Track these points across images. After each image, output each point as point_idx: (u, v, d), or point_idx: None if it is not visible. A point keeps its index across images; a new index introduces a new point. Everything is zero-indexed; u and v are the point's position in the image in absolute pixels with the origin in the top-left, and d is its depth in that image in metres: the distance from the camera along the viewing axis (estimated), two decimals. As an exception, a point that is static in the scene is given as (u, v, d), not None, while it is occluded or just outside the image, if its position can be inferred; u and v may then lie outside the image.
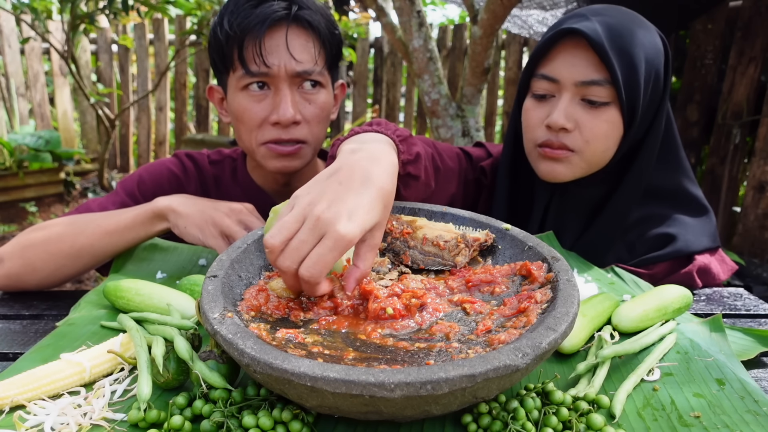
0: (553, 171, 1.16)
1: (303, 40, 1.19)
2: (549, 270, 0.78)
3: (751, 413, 0.69)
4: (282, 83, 1.18)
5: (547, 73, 1.13)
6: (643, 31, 1.12)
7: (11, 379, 0.70)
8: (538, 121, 1.16)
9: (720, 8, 3.12)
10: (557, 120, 1.10)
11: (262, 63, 1.16)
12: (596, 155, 1.14)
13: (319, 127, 1.26)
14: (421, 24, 2.64)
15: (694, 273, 1.18)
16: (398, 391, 0.54)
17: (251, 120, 1.21)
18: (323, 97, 1.24)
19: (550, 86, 1.13)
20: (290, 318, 0.75)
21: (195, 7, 4.08)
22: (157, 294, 0.91)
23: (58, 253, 1.11)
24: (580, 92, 1.11)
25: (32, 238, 1.13)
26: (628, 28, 1.10)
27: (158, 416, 0.65)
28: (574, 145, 1.12)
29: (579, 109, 1.11)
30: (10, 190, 4.67)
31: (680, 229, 1.21)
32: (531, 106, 1.18)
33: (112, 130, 4.69)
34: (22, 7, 4.35)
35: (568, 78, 1.10)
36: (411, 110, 5.31)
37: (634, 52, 1.09)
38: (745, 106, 3.06)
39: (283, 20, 1.16)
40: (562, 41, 1.12)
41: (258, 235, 0.86)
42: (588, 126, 1.11)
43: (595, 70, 1.09)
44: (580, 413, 0.66)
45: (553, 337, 0.61)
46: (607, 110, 1.10)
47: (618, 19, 1.11)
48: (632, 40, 1.09)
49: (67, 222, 1.14)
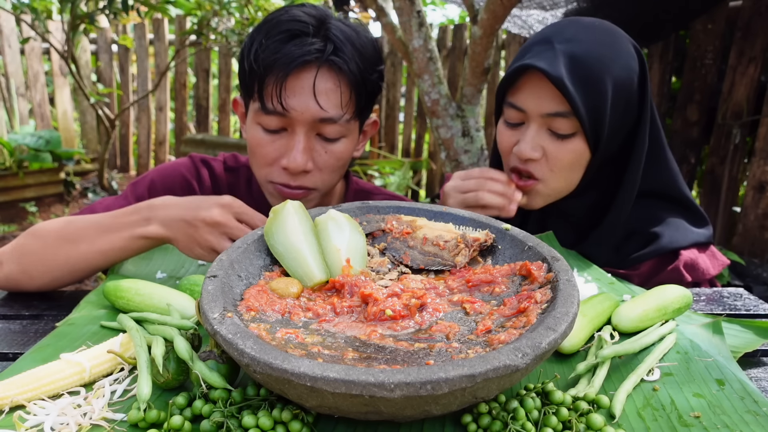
0: (527, 201, 1.20)
1: (332, 84, 1.09)
2: (549, 270, 0.78)
3: (751, 413, 0.69)
4: (300, 127, 1.10)
5: (515, 102, 1.16)
6: (612, 54, 1.11)
7: (11, 379, 0.70)
8: (509, 146, 1.19)
9: (720, 8, 3.12)
10: (524, 151, 1.14)
11: (279, 104, 1.08)
12: (560, 183, 1.18)
13: (332, 175, 1.19)
14: (421, 24, 2.64)
15: (680, 268, 1.20)
16: (398, 391, 0.54)
17: (263, 157, 1.15)
18: (342, 147, 1.16)
19: (518, 115, 1.17)
20: (290, 318, 0.75)
21: (195, 7, 4.08)
22: (157, 294, 0.91)
23: (55, 266, 1.07)
24: (546, 123, 1.13)
25: (29, 246, 1.08)
26: (594, 55, 1.10)
27: (158, 416, 0.65)
28: (541, 174, 1.16)
29: (546, 139, 1.14)
30: (10, 190, 4.67)
31: (664, 228, 1.23)
32: (503, 130, 1.22)
33: (112, 130, 4.69)
34: (22, 7, 4.35)
35: (534, 109, 1.13)
36: (411, 110, 5.31)
37: (599, 79, 1.09)
38: (745, 106, 3.05)
39: (313, 62, 1.07)
40: (526, 72, 1.13)
41: (258, 235, 0.86)
42: (553, 156, 1.14)
43: (559, 102, 1.10)
44: (580, 413, 0.66)
45: (553, 337, 0.61)
46: (572, 141, 1.13)
47: (585, 47, 1.10)
48: (598, 68, 1.09)
49: (63, 231, 1.08)
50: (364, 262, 0.88)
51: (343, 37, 1.10)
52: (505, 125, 1.21)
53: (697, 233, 1.24)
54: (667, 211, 1.25)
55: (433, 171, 4.99)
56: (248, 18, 4.24)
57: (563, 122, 1.11)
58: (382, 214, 0.97)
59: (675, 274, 1.20)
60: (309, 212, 0.91)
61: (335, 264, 0.85)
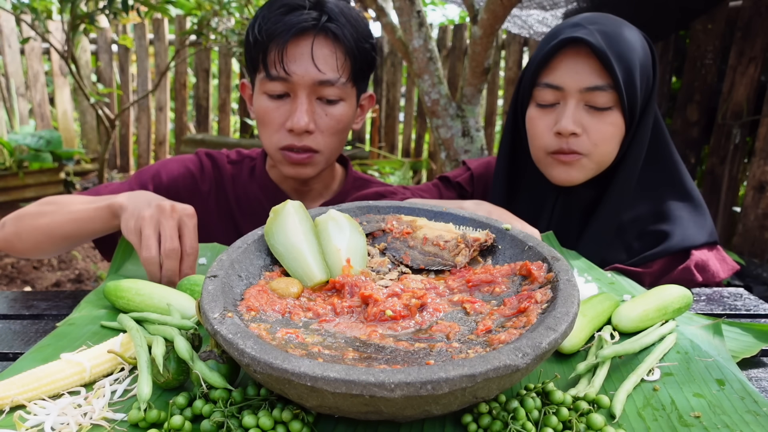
0: (568, 176, 1.20)
1: (328, 50, 1.20)
2: (549, 270, 0.78)
3: (751, 413, 0.69)
4: (301, 91, 1.20)
5: (551, 81, 1.17)
6: (634, 36, 1.17)
7: (11, 379, 0.70)
8: (546, 129, 1.19)
9: (720, 8, 3.12)
10: (567, 126, 1.14)
11: (282, 69, 1.18)
12: (604, 156, 1.19)
13: (333, 138, 1.27)
14: (421, 24, 2.64)
15: (692, 268, 1.20)
16: (398, 391, 0.54)
17: (270, 123, 1.24)
18: (342, 110, 1.25)
19: (554, 94, 1.17)
20: (290, 318, 0.75)
21: (195, 7, 4.08)
22: (157, 294, 0.91)
23: (38, 229, 1.16)
24: (584, 98, 1.15)
25: (27, 211, 1.20)
26: (621, 34, 1.15)
27: (158, 416, 0.65)
28: (584, 149, 1.17)
29: (585, 114, 1.15)
30: (10, 190, 4.67)
31: (675, 226, 1.23)
32: (536, 115, 1.21)
33: (112, 130, 4.68)
34: (22, 7, 4.35)
35: (573, 85, 1.14)
36: (411, 110, 5.31)
37: (630, 56, 1.13)
38: (745, 106, 3.05)
39: (309, 30, 1.18)
40: (563, 50, 1.15)
41: (258, 235, 0.86)
42: (594, 129, 1.15)
43: (598, 77, 1.13)
44: (580, 413, 0.66)
45: (553, 337, 0.61)
46: (610, 114, 1.15)
47: (611, 27, 1.15)
48: (628, 45, 1.14)
49: (55, 200, 1.20)
50: (364, 262, 0.88)
51: (337, 10, 1.22)
52: (538, 109, 1.21)
53: (706, 232, 1.24)
54: (675, 206, 1.25)
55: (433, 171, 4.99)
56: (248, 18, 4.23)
57: (602, 95, 1.13)
58: (382, 214, 0.97)
59: (686, 274, 1.20)
60: (309, 212, 0.91)
61: (335, 264, 0.85)
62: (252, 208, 1.38)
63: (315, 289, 0.83)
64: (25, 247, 1.20)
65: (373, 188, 1.46)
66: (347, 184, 1.45)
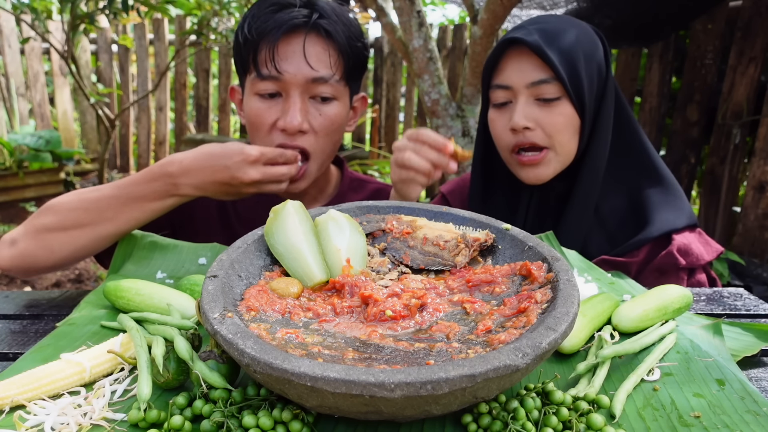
0: (537, 174, 1.26)
1: (320, 47, 1.19)
2: (549, 270, 0.78)
3: (751, 413, 0.69)
4: (293, 90, 1.18)
5: (501, 82, 1.25)
6: (577, 31, 1.24)
7: (11, 379, 0.70)
8: (503, 128, 1.26)
9: (720, 8, 3.12)
10: (518, 121, 1.21)
11: (273, 68, 1.16)
12: (564, 147, 1.24)
13: (327, 139, 1.24)
14: (421, 24, 2.64)
15: (674, 252, 1.22)
16: (398, 391, 0.54)
17: (262, 124, 1.22)
18: (335, 110, 1.23)
19: (505, 94, 1.25)
20: (290, 318, 0.75)
21: (195, 7, 4.08)
22: (157, 294, 0.91)
23: (80, 236, 1.10)
24: (533, 93, 1.22)
25: (47, 221, 1.11)
26: (562, 29, 1.22)
27: (158, 416, 0.65)
28: (542, 142, 1.23)
29: (535, 109, 1.22)
30: (10, 190, 4.67)
31: (653, 212, 1.26)
32: (494, 116, 1.29)
33: (112, 130, 4.68)
34: (22, 7, 4.35)
35: (519, 82, 1.22)
36: (411, 110, 5.32)
37: (571, 48, 1.20)
38: (745, 106, 3.05)
39: (301, 27, 1.17)
40: (507, 52, 1.24)
41: (258, 235, 0.86)
42: (547, 121, 1.22)
43: (541, 71, 1.20)
44: (580, 413, 0.66)
45: (553, 337, 0.61)
46: (559, 104, 1.21)
47: (553, 25, 1.23)
48: (568, 39, 1.21)
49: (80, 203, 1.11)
50: (364, 262, 0.88)
51: (329, 8, 1.22)
52: (494, 110, 1.28)
53: (685, 216, 1.26)
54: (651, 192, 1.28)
55: (433, 171, 4.99)
56: (248, 18, 4.22)
57: (547, 87, 1.20)
58: (382, 214, 0.97)
59: (669, 258, 1.22)
60: (309, 212, 0.91)
61: (335, 264, 0.85)
62: (248, 214, 1.37)
63: (315, 289, 0.83)
64: (57, 258, 1.11)
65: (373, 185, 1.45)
66: (343, 186, 1.44)
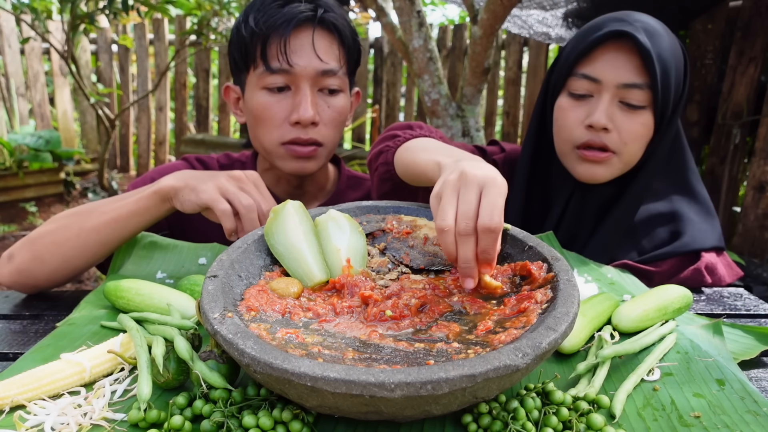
0: (594, 173, 1.18)
1: (327, 41, 1.21)
2: (549, 270, 0.78)
3: (751, 413, 0.69)
4: (304, 83, 1.20)
5: (589, 72, 1.15)
6: (672, 39, 1.15)
7: (11, 379, 0.70)
8: (576, 121, 1.17)
9: (720, 8, 3.12)
10: (600, 120, 1.12)
11: (285, 61, 1.17)
12: (631, 156, 1.17)
13: (335, 131, 1.27)
14: (421, 24, 2.64)
15: (702, 269, 1.19)
16: (398, 391, 0.54)
17: (271, 119, 1.22)
18: (341, 102, 1.25)
19: (590, 86, 1.15)
20: (290, 318, 0.75)
21: (195, 7, 4.08)
22: (157, 294, 0.91)
23: (66, 243, 1.08)
24: (620, 94, 1.13)
25: (41, 231, 1.11)
26: (662, 34, 1.13)
27: (158, 416, 0.65)
28: (614, 146, 1.15)
29: (617, 111, 1.14)
30: (10, 190, 4.67)
31: (686, 226, 1.23)
32: (567, 106, 1.19)
33: (112, 130, 4.69)
34: (22, 7, 4.35)
35: (611, 79, 1.13)
36: (411, 110, 5.31)
37: (669, 59, 1.12)
38: (745, 106, 3.05)
39: (309, 21, 1.19)
40: (605, 43, 1.13)
41: (258, 235, 0.86)
42: (626, 128, 1.13)
43: (637, 74, 1.11)
44: (580, 413, 0.66)
45: (553, 337, 0.61)
46: (642, 113, 1.13)
47: (654, 27, 1.14)
48: (668, 48, 1.12)
49: (73, 212, 1.13)
50: (364, 262, 0.88)
51: (331, 3, 1.24)
52: (570, 99, 1.18)
53: (716, 237, 1.24)
54: (687, 209, 1.25)
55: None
56: (248, 18, 4.22)
57: (637, 93, 1.12)
58: (382, 214, 0.97)
59: (696, 275, 1.19)
60: (309, 212, 0.91)
61: (335, 264, 0.85)
62: None
63: (315, 289, 0.83)
64: (49, 270, 1.09)
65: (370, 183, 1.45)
66: (341, 184, 1.44)
